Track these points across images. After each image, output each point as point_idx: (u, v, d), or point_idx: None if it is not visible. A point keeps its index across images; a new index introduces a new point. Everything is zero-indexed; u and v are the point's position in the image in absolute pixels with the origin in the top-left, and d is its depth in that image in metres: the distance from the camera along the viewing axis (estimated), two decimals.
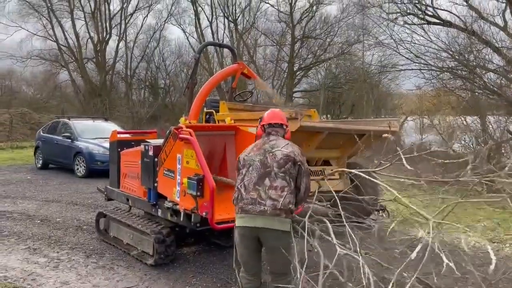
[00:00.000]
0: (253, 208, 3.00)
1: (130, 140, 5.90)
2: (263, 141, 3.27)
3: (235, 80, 6.88)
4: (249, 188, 3.06)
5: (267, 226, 2.98)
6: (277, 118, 3.38)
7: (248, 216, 3.03)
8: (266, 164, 3.07)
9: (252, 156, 3.17)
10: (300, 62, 26.41)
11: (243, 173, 3.15)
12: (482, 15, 13.28)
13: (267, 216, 2.97)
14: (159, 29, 29.50)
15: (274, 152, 3.10)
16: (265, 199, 2.99)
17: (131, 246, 5.08)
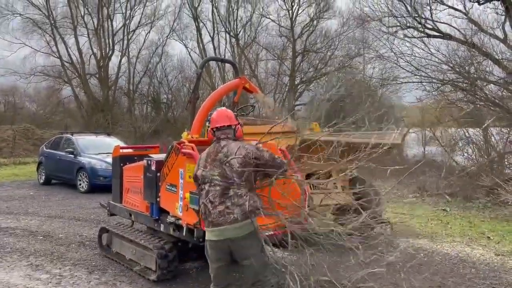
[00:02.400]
0: (224, 219, 3.03)
1: (132, 155, 5.92)
2: (215, 149, 3.23)
3: (238, 94, 6.91)
4: (215, 202, 3.08)
5: (238, 235, 3.02)
6: (222, 120, 3.34)
7: (218, 229, 3.05)
8: (226, 177, 3.08)
9: (209, 171, 3.15)
10: (302, 75, 26.57)
11: (206, 189, 3.15)
12: (482, 27, 13.37)
13: (238, 223, 3.00)
14: (161, 44, 29.82)
15: (230, 161, 3.09)
16: (233, 208, 3.03)
17: (134, 262, 5.05)
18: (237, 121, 3.37)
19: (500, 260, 5.72)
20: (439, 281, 4.85)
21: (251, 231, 3.06)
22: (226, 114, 3.38)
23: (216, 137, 3.31)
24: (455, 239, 6.87)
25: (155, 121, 26.00)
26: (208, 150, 3.30)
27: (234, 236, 3.02)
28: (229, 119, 3.35)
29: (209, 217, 3.10)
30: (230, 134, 3.29)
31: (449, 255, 5.94)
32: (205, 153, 3.30)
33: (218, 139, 3.28)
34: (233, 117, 3.37)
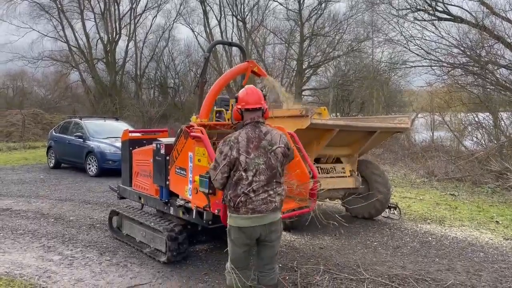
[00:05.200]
0: (267, 207, 3.05)
1: (141, 139, 5.93)
2: (256, 134, 3.10)
3: (246, 78, 6.87)
4: (259, 191, 3.06)
5: (276, 218, 3.11)
6: (256, 101, 3.17)
7: (258, 216, 3.05)
8: (271, 166, 3.06)
9: (254, 159, 3.04)
10: (309, 60, 26.34)
11: (249, 179, 3.04)
12: (493, 10, 13.11)
13: (278, 212, 3.11)
14: (168, 28, 29.72)
15: (275, 150, 3.07)
16: (275, 196, 3.09)
17: (144, 244, 5.12)
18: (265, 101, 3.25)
19: (508, 244, 5.71)
20: (448, 264, 4.86)
21: (280, 217, 3.18)
22: (259, 94, 3.20)
23: (251, 120, 3.15)
24: (464, 223, 6.86)
25: (162, 106, 26.03)
26: (247, 135, 3.11)
27: (274, 219, 3.11)
28: (260, 100, 3.18)
29: (250, 205, 3.04)
30: (261, 117, 3.17)
31: (457, 239, 5.95)
32: (244, 137, 3.09)
33: (256, 123, 3.14)
34: (262, 99, 3.21)
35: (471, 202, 8.59)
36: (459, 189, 9.98)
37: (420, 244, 5.68)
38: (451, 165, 11.77)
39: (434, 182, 10.79)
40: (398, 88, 24.44)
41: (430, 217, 7.24)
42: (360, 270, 4.55)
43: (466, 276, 4.49)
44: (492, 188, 9.79)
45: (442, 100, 16.30)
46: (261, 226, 3.08)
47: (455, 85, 14.46)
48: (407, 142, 16.56)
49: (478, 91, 13.91)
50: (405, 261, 4.95)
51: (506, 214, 7.50)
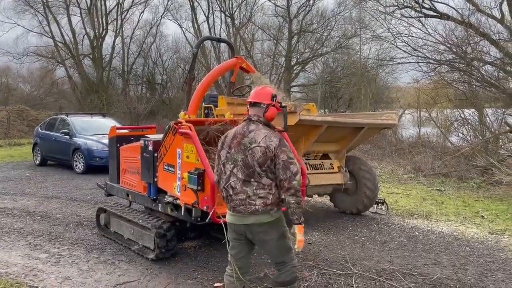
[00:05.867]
0: (245, 208, 3.00)
1: (129, 136, 5.89)
2: (243, 131, 3.09)
3: (234, 74, 6.86)
4: (237, 189, 3.03)
5: (258, 221, 3.01)
6: (252, 95, 3.17)
7: (237, 215, 3.05)
8: (248, 164, 3.00)
9: (233, 154, 3.06)
10: (298, 56, 26.35)
11: (228, 173, 3.08)
12: (479, 7, 13.25)
13: (258, 216, 2.99)
14: (155, 24, 29.41)
15: (252, 149, 3.00)
16: (255, 199, 2.98)
17: (132, 241, 5.09)
18: (271, 102, 3.12)
19: (494, 239, 5.81)
20: (434, 259, 4.93)
21: (270, 221, 3.03)
22: (258, 90, 3.19)
23: (248, 117, 3.15)
24: (450, 218, 6.96)
25: (150, 102, 25.82)
26: (236, 130, 3.15)
27: (255, 222, 3.02)
28: (259, 95, 3.14)
29: (231, 202, 3.07)
30: (260, 113, 3.12)
31: (443, 233, 6.03)
32: (232, 132, 3.15)
33: (249, 120, 3.13)
34: (266, 96, 3.14)
35: (457, 197, 8.72)
36: (445, 184, 10.11)
37: (407, 239, 5.74)
38: (438, 161, 11.92)
39: (421, 177, 10.91)
40: (386, 84, 24.63)
41: (417, 212, 7.32)
42: (348, 265, 4.59)
43: (452, 270, 4.55)
44: (477, 183, 9.93)
45: (428, 97, 16.47)
46: (244, 226, 3.05)
47: (441, 81, 14.61)
48: (394, 138, 16.71)
49: (464, 87, 14.08)
50: (393, 256, 5.01)
51: (491, 209, 7.63)
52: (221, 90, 20.66)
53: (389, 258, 4.93)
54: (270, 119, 3.14)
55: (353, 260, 4.79)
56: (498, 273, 4.49)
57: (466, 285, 4.14)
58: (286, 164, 2.94)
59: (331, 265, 4.62)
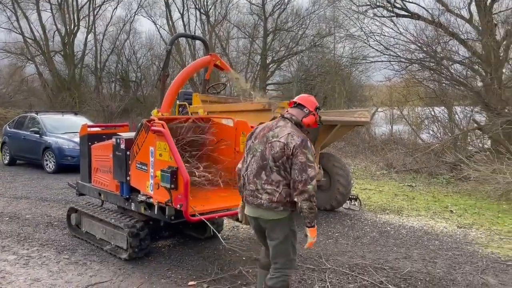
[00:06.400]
0: (252, 200, 3.08)
1: (101, 134, 5.77)
2: (272, 124, 3.15)
3: (208, 71, 6.83)
4: (250, 179, 3.11)
5: (263, 216, 3.06)
6: (302, 99, 3.23)
7: (248, 206, 3.16)
8: (264, 156, 3.03)
9: (257, 144, 3.12)
10: (273, 54, 26.42)
11: (247, 162, 3.16)
12: (448, 7, 13.62)
13: (263, 209, 3.03)
14: (129, 21, 28.91)
15: (272, 143, 3.02)
16: (262, 193, 3.02)
17: (104, 241, 5.00)
18: (313, 111, 3.17)
19: (462, 232, 6.00)
20: (405, 253, 5.05)
21: (275, 219, 3.04)
22: (306, 96, 3.27)
23: (284, 114, 3.19)
24: (420, 213, 7.14)
25: (124, 100, 25.37)
26: (266, 123, 3.22)
27: (259, 216, 3.08)
28: (306, 101, 3.21)
29: (244, 192, 3.18)
30: (296, 116, 3.13)
31: (414, 228, 6.19)
32: (263, 125, 3.22)
33: (282, 117, 3.17)
34: (312, 103, 3.20)
35: (427, 192, 8.95)
36: (416, 180, 10.36)
37: (379, 234, 5.86)
38: (409, 157, 12.20)
39: (393, 174, 11.14)
40: (359, 83, 25.00)
41: (389, 207, 7.48)
42: (322, 261, 4.65)
43: (422, 264, 4.68)
44: (447, 179, 10.23)
45: (400, 95, 16.82)
46: (252, 217, 3.16)
47: (412, 80, 14.96)
48: (367, 136, 17.00)
49: (434, 86, 14.45)
50: (365, 251, 5.10)
51: (460, 203, 7.87)
52: (197, 87, 20.51)
53: (362, 253, 5.02)
54: (305, 124, 3.14)
55: (326, 255, 4.85)
56: (465, 266, 4.63)
57: (435, 278, 4.26)
58: (304, 166, 2.90)
59: (305, 261, 4.67)
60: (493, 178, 8.64)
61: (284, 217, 3.04)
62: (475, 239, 5.68)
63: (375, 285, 4.06)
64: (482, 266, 4.60)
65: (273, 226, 3.05)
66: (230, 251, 5.00)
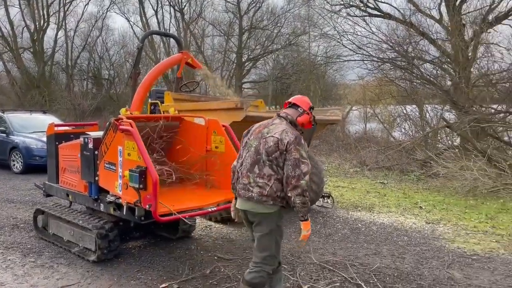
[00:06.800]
0: (244, 193, 3.15)
1: (68, 133, 5.63)
2: (267, 122, 3.28)
3: (180, 69, 6.75)
4: (243, 173, 3.18)
5: (253, 209, 3.12)
6: (296, 100, 3.37)
7: (240, 199, 3.21)
8: (258, 151, 3.13)
9: (252, 140, 3.22)
10: (249, 53, 26.40)
11: (242, 157, 3.26)
12: (419, 8, 13.92)
13: (253, 202, 3.10)
14: (101, 17, 28.33)
15: (267, 138, 3.11)
16: (254, 186, 3.10)
17: (72, 243, 4.89)
18: (308, 110, 3.29)
19: (430, 228, 6.14)
20: (375, 249, 5.13)
21: (264, 213, 3.10)
22: (300, 97, 3.41)
23: (278, 112, 3.33)
24: (391, 209, 7.27)
25: (96, 98, 24.85)
26: (262, 121, 3.34)
27: (250, 209, 3.14)
28: (300, 101, 3.34)
29: (238, 185, 3.23)
30: (291, 115, 3.25)
31: (384, 224, 6.29)
32: (259, 123, 3.33)
33: (277, 115, 3.29)
34: (306, 104, 3.32)
35: (398, 189, 9.13)
36: (388, 177, 10.55)
37: (350, 231, 5.94)
38: (381, 155, 12.41)
39: (365, 171, 11.31)
40: (334, 81, 25.28)
41: (361, 204, 7.59)
42: (293, 258, 4.68)
43: (391, 259, 4.76)
44: (417, 175, 10.45)
45: (373, 93, 17.10)
46: (242, 211, 3.20)
47: (384, 79, 15.22)
48: (341, 134, 17.20)
49: (405, 84, 14.75)
50: (336, 248, 5.16)
51: (429, 199, 8.05)
52: (171, 85, 20.29)
53: (333, 250, 5.07)
54: (299, 123, 3.26)
55: (298, 253, 4.88)
56: (432, 261, 4.74)
57: (403, 273, 4.34)
58: (297, 162, 2.99)
59: None
60: (461, 175, 8.89)
61: (273, 212, 3.11)
62: (442, 234, 5.82)
63: (346, 281, 4.11)
64: (448, 261, 4.72)
65: (261, 220, 3.13)
66: (202, 251, 4.97)
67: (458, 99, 11.62)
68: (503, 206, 7.42)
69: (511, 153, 11.11)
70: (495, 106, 11.46)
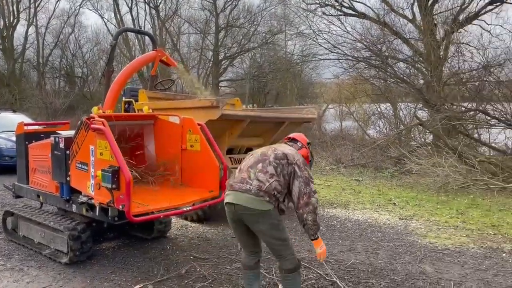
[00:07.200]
0: (241, 186, 3.16)
1: (39, 132, 5.48)
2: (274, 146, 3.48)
3: (154, 67, 6.67)
4: (243, 169, 3.24)
5: (248, 204, 3.09)
6: (294, 135, 3.65)
7: (233, 193, 3.19)
8: (265, 154, 3.26)
9: (259, 150, 3.39)
10: (225, 51, 26.32)
11: (246, 160, 3.36)
12: (393, 7, 14.18)
13: (250, 195, 3.09)
14: (73, 14, 27.72)
15: (277, 149, 3.31)
16: (253, 179, 3.13)
17: (43, 245, 4.76)
18: (306, 145, 3.54)
19: (403, 224, 6.27)
20: (349, 245, 5.20)
21: (260, 210, 3.09)
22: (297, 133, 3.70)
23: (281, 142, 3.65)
24: (366, 206, 7.39)
25: (69, 97, 24.30)
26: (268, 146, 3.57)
27: (244, 204, 3.11)
28: (300, 137, 3.60)
29: (231, 181, 3.27)
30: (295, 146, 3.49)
31: (359, 221, 6.39)
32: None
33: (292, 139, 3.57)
34: (302, 138, 3.59)
35: (373, 186, 9.28)
36: (363, 174, 10.72)
37: (326, 228, 6.00)
38: (357, 153, 12.60)
39: (341, 168, 11.46)
40: (310, 80, 25.49)
41: (336, 202, 7.68)
42: (268, 256, 4.68)
43: (365, 255, 4.84)
44: (391, 172, 10.66)
45: (348, 92, 17.33)
46: (237, 206, 3.15)
47: (359, 77, 15.45)
48: (318, 132, 17.38)
49: (379, 83, 15.01)
50: (311, 245, 5.18)
51: (403, 196, 8.22)
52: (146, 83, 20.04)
53: (309, 247, 5.11)
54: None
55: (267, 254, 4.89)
56: (405, 256, 4.84)
57: (377, 269, 4.42)
58: (308, 180, 3.15)
59: None
60: (433, 171, 9.10)
61: (269, 210, 3.11)
62: (415, 229, 5.95)
63: (321, 277, 4.15)
64: (420, 256, 4.82)
65: (257, 218, 3.13)
66: (178, 251, 4.93)
67: (430, 97, 11.90)
68: (473, 201, 7.64)
69: (481, 150, 11.47)
70: (466, 104, 11.78)
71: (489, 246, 5.21)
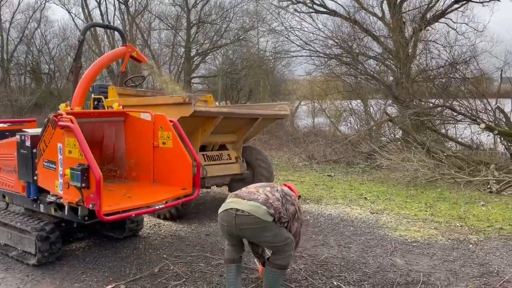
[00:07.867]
0: (248, 196, 3.28)
1: (4, 131, 5.31)
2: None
3: (124, 63, 6.54)
4: (251, 187, 3.46)
5: (253, 211, 3.15)
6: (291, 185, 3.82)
7: (238, 200, 3.28)
8: (272, 184, 3.54)
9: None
10: (197, 47, 26.07)
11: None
12: (363, 5, 14.42)
13: (257, 202, 3.18)
14: (39, 8, 26.84)
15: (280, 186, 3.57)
16: (261, 192, 3.30)
17: (10, 247, 4.60)
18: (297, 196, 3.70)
19: (374, 218, 6.39)
20: (322, 240, 5.27)
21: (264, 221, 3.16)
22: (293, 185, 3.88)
23: None
24: (338, 201, 7.50)
25: (35, 94, 23.55)
26: None
27: (247, 210, 3.17)
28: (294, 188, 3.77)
29: (239, 192, 3.40)
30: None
31: (331, 216, 6.48)
32: None
33: None
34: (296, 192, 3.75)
35: (345, 181, 9.43)
36: (335, 170, 10.87)
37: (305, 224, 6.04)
38: (329, 148, 12.76)
39: (314, 164, 11.58)
40: (283, 77, 25.58)
41: (309, 197, 7.76)
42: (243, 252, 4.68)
43: (337, 249, 4.91)
44: (362, 168, 10.85)
45: (320, 89, 17.51)
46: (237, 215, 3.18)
47: (331, 74, 15.65)
48: (291, 128, 17.50)
49: (350, 80, 15.25)
50: None
51: (373, 190, 8.39)
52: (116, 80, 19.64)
53: None
54: None
55: (246, 247, 4.89)
56: (376, 249, 4.95)
57: (349, 262, 4.49)
58: (299, 231, 3.55)
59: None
60: (402, 166, 9.32)
61: (270, 222, 3.19)
62: (385, 223, 6.08)
63: (294, 272, 4.19)
64: (391, 248, 4.94)
65: (260, 229, 3.21)
66: (151, 250, 4.86)
67: (399, 94, 12.19)
68: (441, 195, 7.88)
69: (448, 145, 11.84)
70: (433, 100, 12.13)
71: (456, 237, 5.38)
